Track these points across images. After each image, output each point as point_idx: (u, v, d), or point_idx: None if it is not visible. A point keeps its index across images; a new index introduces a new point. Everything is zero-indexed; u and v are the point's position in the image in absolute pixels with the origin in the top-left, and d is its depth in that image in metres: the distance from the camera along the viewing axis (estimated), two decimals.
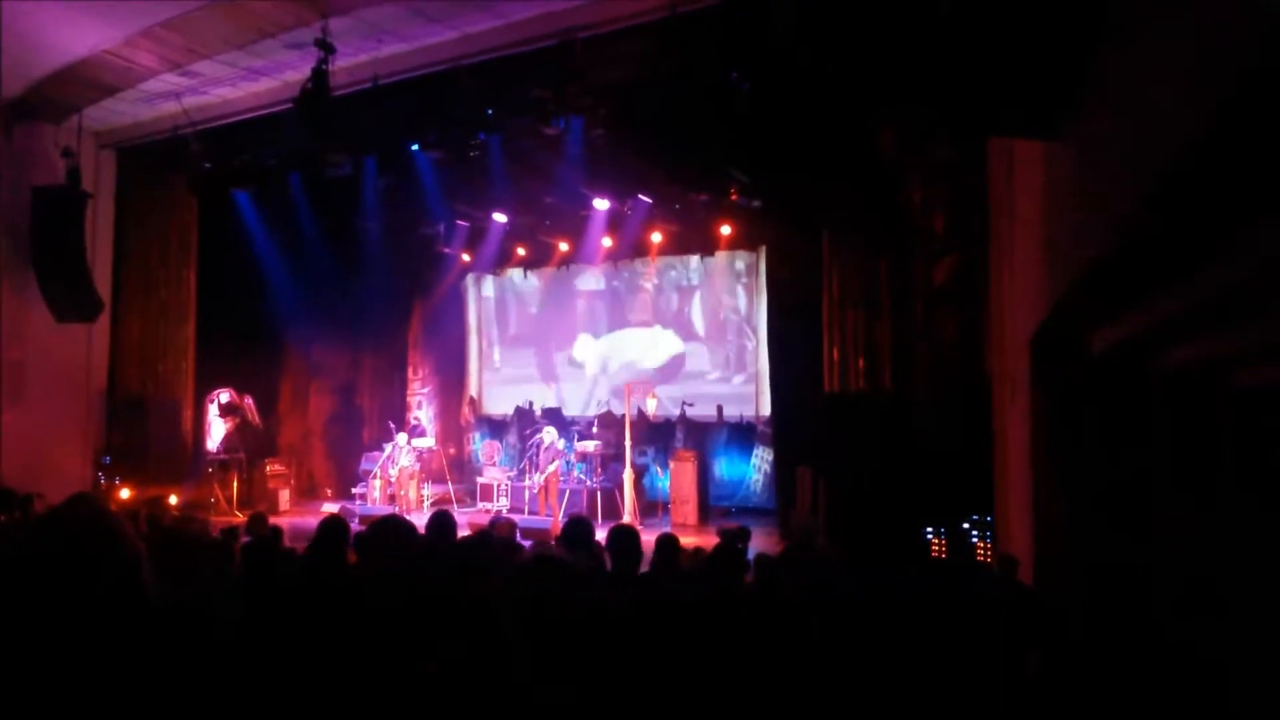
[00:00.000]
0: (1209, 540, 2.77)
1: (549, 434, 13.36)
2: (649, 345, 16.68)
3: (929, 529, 8.66)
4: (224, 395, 14.40)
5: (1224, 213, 1.72)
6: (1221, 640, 2.73)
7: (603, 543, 4.49)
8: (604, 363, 17.07)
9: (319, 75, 9.03)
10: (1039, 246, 5.12)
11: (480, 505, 14.30)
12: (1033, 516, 5.50)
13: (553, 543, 7.45)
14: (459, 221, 15.45)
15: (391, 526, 3.44)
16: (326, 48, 9.01)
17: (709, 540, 7.44)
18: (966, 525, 8.43)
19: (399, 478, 13.97)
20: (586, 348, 17.31)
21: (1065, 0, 2.50)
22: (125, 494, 12.14)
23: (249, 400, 14.77)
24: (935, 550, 8.61)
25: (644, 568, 4.39)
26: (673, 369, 16.33)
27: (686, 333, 16.32)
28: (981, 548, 8.31)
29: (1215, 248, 1.83)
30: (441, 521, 4.13)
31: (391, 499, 13.78)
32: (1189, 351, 2.95)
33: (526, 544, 6.32)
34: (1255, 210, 1.58)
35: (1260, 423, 2.58)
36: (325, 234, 14.00)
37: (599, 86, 9.66)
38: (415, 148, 11.51)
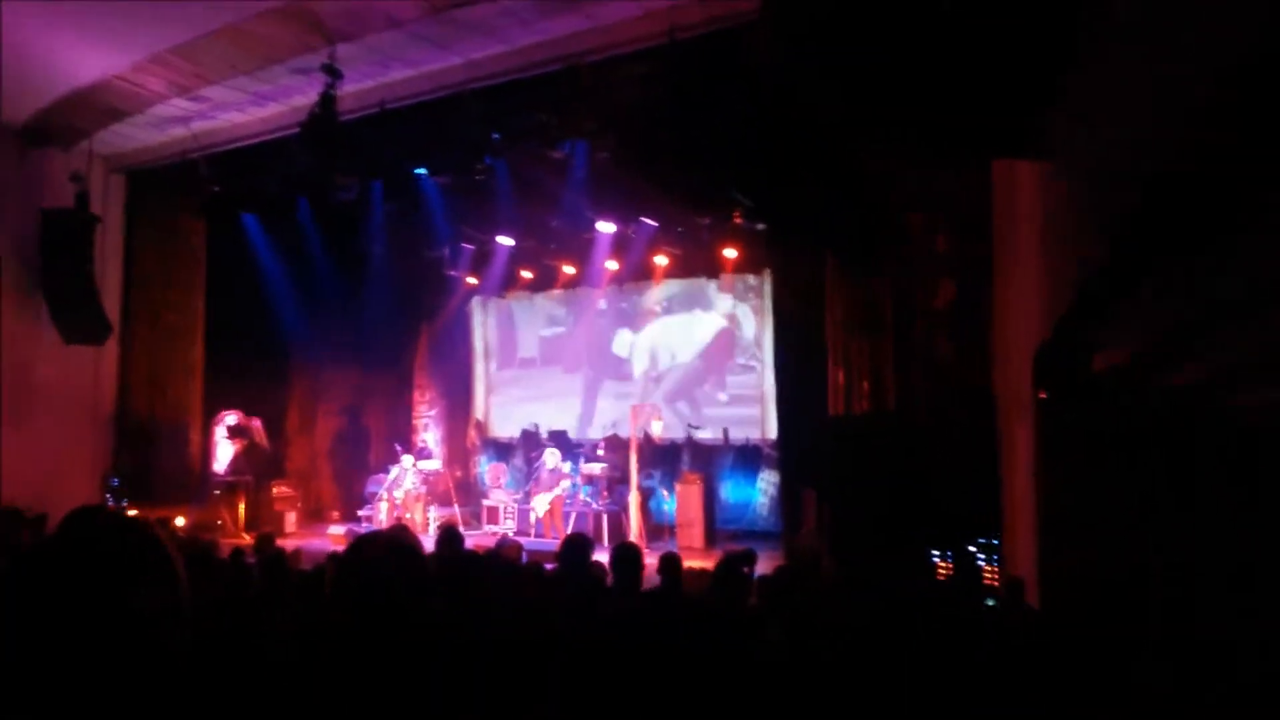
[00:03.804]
0: (1207, 547, 2.77)
1: (552, 456, 13.35)
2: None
3: (935, 552, 8.60)
4: (231, 418, 14.44)
5: (1206, 221, 1.74)
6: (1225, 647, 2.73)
7: (605, 561, 4.49)
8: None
9: (326, 100, 9.12)
10: (1040, 267, 5.14)
11: (486, 528, 14.26)
12: (1037, 534, 5.48)
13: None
14: (465, 245, 15.53)
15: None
16: (334, 73, 9.10)
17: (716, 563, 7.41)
18: (973, 548, 8.39)
19: (405, 500, 13.98)
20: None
21: (1039, 17, 2.52)
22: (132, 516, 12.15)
23: (257, 423, 14.80)
24: (941, 573, 8.56)
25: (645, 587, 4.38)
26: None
27: (692, 354, 16.30)
28: (989, 571, 8.26)
29: (1199, 260, 1.84)
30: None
31: (398, 521, 13.77)
32: (1188, 372, 2.95)
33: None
34: (1237, 220, 1.60)
35: (1259, 439, 2.58)
36: (332, 257, 14.07)
37: (603, 110, 9.73)
38: (421, 171, 11.59)
